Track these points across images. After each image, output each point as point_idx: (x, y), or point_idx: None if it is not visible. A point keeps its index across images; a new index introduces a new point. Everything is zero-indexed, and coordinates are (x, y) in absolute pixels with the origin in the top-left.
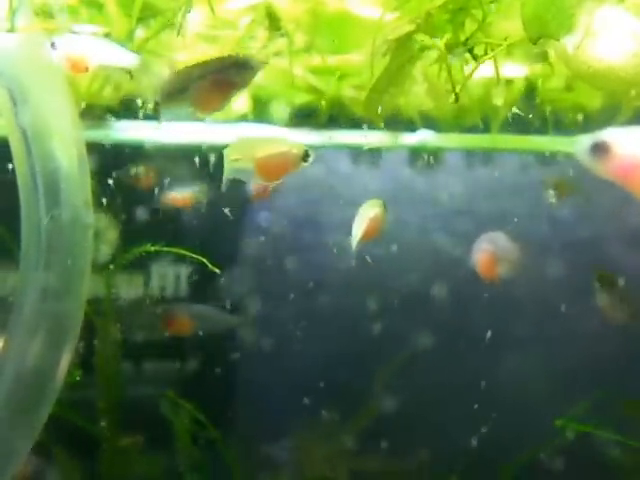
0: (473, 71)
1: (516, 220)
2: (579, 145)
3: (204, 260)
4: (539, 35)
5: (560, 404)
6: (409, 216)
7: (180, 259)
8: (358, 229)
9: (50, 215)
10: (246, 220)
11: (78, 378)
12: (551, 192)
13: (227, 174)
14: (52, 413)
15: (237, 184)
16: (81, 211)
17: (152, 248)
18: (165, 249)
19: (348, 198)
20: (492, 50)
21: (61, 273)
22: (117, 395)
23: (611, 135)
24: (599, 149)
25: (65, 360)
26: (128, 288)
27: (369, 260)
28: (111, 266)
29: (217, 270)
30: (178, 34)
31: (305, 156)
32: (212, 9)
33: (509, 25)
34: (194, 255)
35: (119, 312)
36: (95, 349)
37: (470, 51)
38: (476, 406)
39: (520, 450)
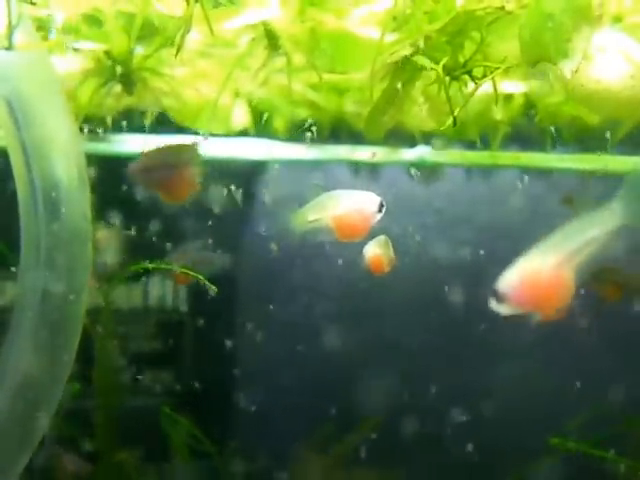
0: (472, 93)
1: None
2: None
3: (200, 278)
4: (536, 59)
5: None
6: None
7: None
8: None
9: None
10: (247, 233)
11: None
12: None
13: (300, 231)
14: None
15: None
16: (80, 225)
17: (150, 266)
18: (164, 266)
19: None
20: (491, 72)
21: (60, 287)
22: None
23: (506, 281)
24: (500, 297)
25: (64, 372)
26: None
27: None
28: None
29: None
30: (177, 55)
31: (380, 208)
32: (211, 30)
33: (507, 46)
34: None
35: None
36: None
37: (469, 73)
38: (474, 418)
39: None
